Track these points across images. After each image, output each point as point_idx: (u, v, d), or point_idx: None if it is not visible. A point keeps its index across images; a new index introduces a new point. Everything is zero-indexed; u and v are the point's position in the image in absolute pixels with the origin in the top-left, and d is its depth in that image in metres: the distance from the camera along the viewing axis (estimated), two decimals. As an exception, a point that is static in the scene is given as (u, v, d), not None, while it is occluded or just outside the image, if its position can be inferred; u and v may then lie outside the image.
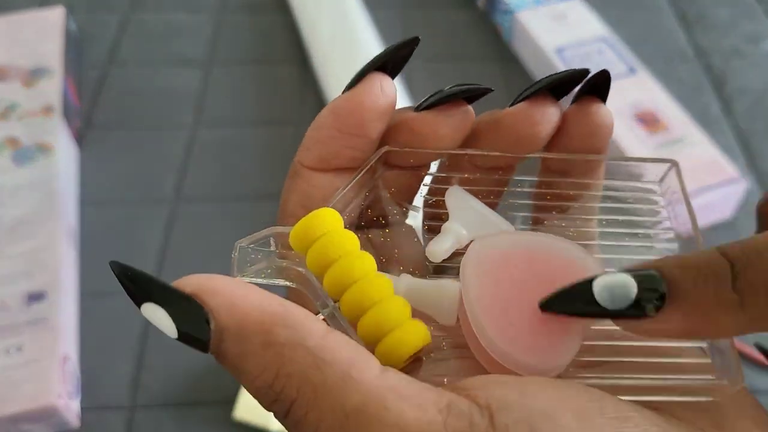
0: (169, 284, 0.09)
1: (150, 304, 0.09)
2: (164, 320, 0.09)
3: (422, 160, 0.13)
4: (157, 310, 0.09)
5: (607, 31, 0.44)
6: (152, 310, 0.09)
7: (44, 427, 0.28)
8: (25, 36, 0.42)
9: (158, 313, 0.09)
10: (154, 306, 0.09)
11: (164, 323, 0.09)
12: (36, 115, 0.37)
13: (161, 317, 0.09)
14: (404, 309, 0.11)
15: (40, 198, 0.33)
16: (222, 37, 0.47)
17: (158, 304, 0.09)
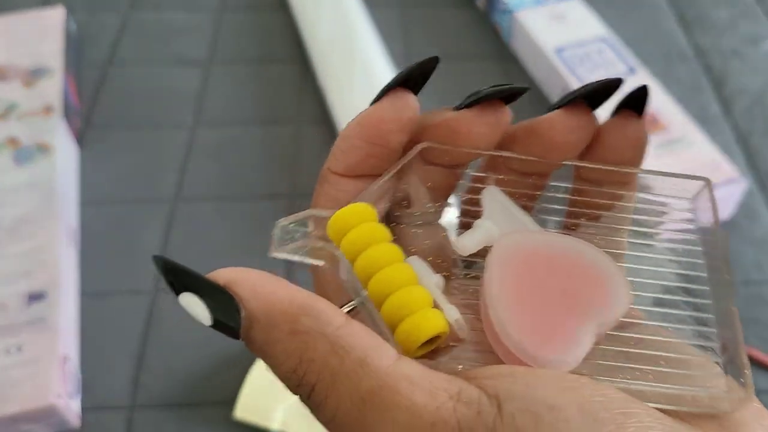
0: (204, 276, 0.10)
1: (187, 294, 0.09)
2: (200, 309, 0.09)
3: (458, 159, 0.13)
4: (193, 300, 0.09)
5: (607, 31, 0.44)
6: (189, 300, 0.09)
7: (44, 427, 0.28)
8: (25, 36, 0.42)
9: (194, 303, 0.09)
10: (191, 295, 0.09)
11: (199, 312, 0.09)
12: (36, 115, 0.37)
13: (197, 306, 0.09)
14: (425, 297, 0.11)
15: (40, 198, 0.33)
16: (222, 36, 0.47)
17: (195, 294, 0.09)
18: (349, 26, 0.43)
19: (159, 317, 0.32)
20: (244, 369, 0.30)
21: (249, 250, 0.35)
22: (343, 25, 0.43)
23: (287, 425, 0.28)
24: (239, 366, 0.30)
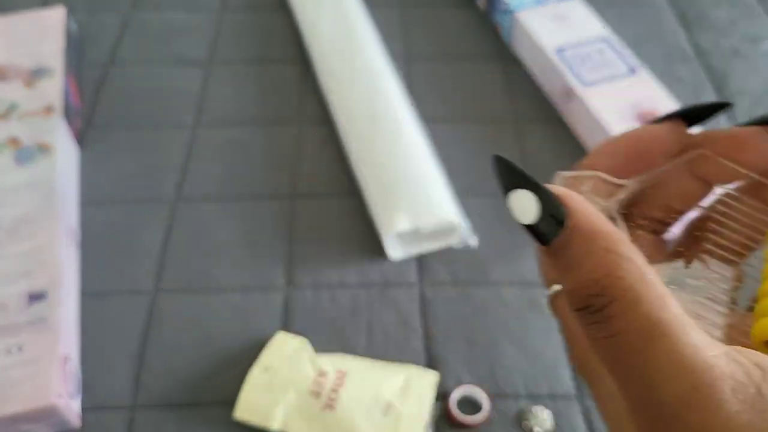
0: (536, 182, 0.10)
1: (521, 191, 0.10)
2: (529, 205, 0.10)
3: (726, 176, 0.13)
4: (526, 195, 0.10)
5: (608, 31, 0.44)
6: (521, 195, 0.10)
7: (44, 426, 0.28)
8: (25, 36, 0.42)
9: (526, 198, 0.10)
10: (525, 192, 0.10)
11: (527, 208, 0.10)
12: (36, 115, 0.37)
13: (527, 202, 0.10)
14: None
15: (40, 198, 0.33)
16: (222, 36, 0.47)
17: (532, 192, 0.10)
18: (350, 26, 0.43)
19: (159, 317, 0.32)
20: (244, 369, 0.30)
21: (250, 250, 0.35)
22: (344, 25, 0.43)
23: (287, 425, 0.28)
24: (239, 366, 0.30)
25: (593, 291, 0.09)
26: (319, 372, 0.29)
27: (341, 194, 0.38)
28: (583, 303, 0.10)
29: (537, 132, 0.41)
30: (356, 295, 0.33)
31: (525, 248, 0.35)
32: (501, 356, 0.31)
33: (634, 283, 0.09)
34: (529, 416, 0.29)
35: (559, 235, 0.10)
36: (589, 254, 0.10)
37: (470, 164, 0.39)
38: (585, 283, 0.10)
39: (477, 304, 0.33)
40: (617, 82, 0.40)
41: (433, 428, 0.29)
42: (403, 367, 0.30)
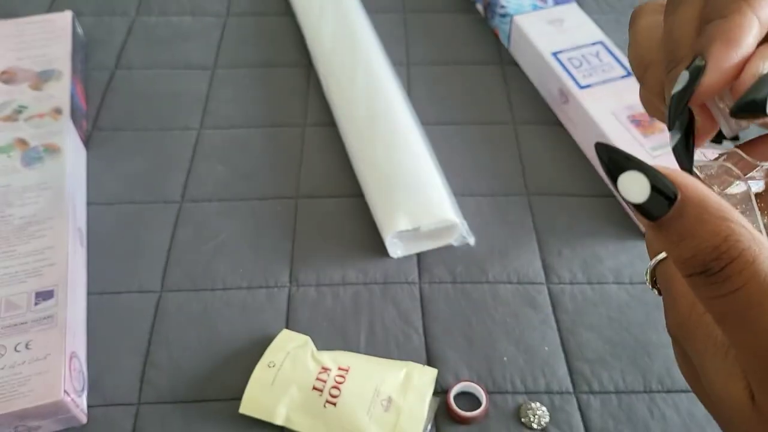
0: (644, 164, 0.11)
1: (631, 172, 0.11)
2: (640, 185, 0.11)
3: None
4: (637, 176, 0.11)
5: (604, 34, 0.44)
6: (632, 176, 0.11)
7: (52, 423, 0.28)
8: (33, 39, 0.43)
9: (637, 179, 0.11)
10: (635, 173, 0.11)
11: (638, 187, 0.11)
12: (44, 117, 0.38)
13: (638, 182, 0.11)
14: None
15: (48, 198, 0.34)
16: (227, 40, 0.48)
17: (642, 173, 0.11)
18: (352, 31, 0.44)
19: (165, 315, 0.33)
20: (248, 366, 0.30)
21: (254, 249, 0.36)
22: (346, 29, 0.44)
23: (290, 420, 0.28)
24: (244, 363, 0.31)
25: (712, 256, 0.10)
26: (321, 368, 0.29)
27: (343, 195, 0.38)
28: (701, 268, 0.10)
29: (534, 134, 0.42)
30: (358, 293, 0.34)
31: (522, 247, 0.36)
32: (499, 353, 0.31)
33: (750, 244, 0.10)
34: (527, 412, 0.29)
35: (670, 210, 0.10)
36: (703, 223, 0.10)
37: (469, 165, 0.40)
38: (703, 250, 0.10)
39: (475, 301, 0.33)
40: (613, 84, 0.40)
41: (433, 423, 0.29)
42: (403, 364, 0.30)
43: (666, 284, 0.13)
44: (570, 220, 0.37)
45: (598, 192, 0.38)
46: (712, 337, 0.12)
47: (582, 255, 0.35)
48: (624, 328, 0.32)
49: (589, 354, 0.31)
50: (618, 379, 0.30)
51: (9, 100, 0.39)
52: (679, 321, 0.13)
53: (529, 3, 0.46)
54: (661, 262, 0.13)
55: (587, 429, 0.29)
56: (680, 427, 0.29)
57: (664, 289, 0.13)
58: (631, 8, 0.51)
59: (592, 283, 0.34)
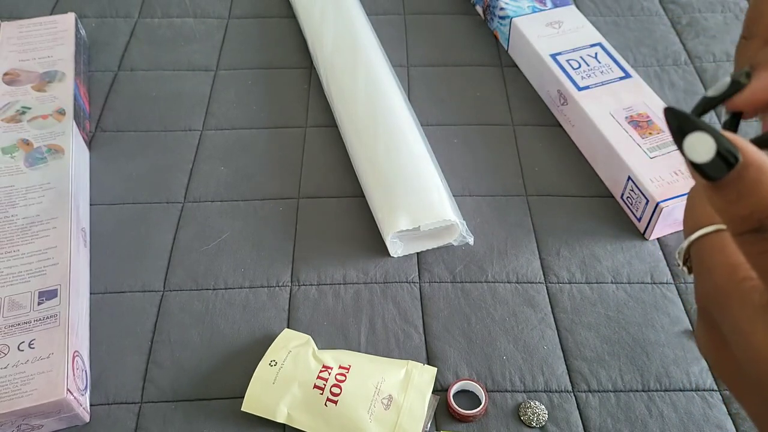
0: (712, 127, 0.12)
1: (698, 133, 0.11)
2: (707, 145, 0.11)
3: None
4: (704, 137, 0.11)
5: (602, 36, 0.45)
6: (699, 137, 0.11)
7: (55, 421, 0.28)
8: (36, 41, 0.43)
9: (704, 140, 0.11)
10: (702, 134, 0.11)
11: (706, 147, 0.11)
12: (48, 118, 0.38)
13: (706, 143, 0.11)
14: None
15: (51, 199, 0.34)
16: (229, 42, 0.49)
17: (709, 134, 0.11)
18: (353, 33, 0.44)
19: (168, 315, 0.33)
20: (250, 364, 0.30)
21: (256, 249, 0.36)
22: (347, 32, 0.45)
23: (292, 418, 0.28)
24: (246, 362, 0.31)
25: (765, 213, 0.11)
26: (322, 367, 0.29)
27: (344, 195, 0.39)
28: (757, 224, 0.11)
29: (533, 135, 0.42)
30: (358, 292, 0.34)
31: (521, 246, 0.36)
32: (498, 351, 0.32)
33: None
34: (526, 410, 0.30)
35: (732, 170, 0.11)
36: (761, 184, 0.11)
37: (469, 166, 0.40)
38: (760, 208, 0.11)
39: (475, 300, 0.34)
40: (611, 86, 0.41)
41: (433, 421, 0.29)
42: (403, 362, 0.31)
43: (703, 256, 0.14)
44: (568, 221, 0.37)
45: (597, 192, 0.39)
46: (750, 300, 0.12)
47: (580, 255, 0.36)
48: (622, 327, 0.32)
49: (588, 353, 0.32)
50: (616, 378, 0.31)
51: (12, 102, 0.39)
52: (713, 290, 0.13)
53: (528, 5, 0.46)
54: (697, 239, 0.14)
55: (586, 427, 0.29)
56: (678, 425, 0.29)
57: (700, 262, 0.14)
58: (629, 10, 0.52)
59: (590, 283, 0.34)
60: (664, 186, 0.35)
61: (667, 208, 0.34)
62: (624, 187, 0.37)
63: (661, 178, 0.35)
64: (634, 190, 0.36)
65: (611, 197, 0.39)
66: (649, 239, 0.36)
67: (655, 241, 0.36)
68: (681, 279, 0.34)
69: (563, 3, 0.47)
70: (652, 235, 0.36)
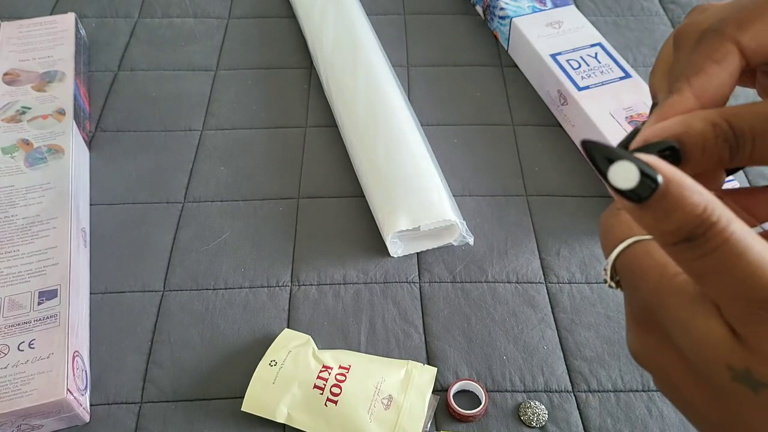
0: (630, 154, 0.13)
1: (619, 163, 0.12)
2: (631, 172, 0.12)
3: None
4: (627, 165, 0.12)
5: (602, 36, 0.45)
6: (623, 165, 0.12)
7: (55, 421, 0.29)
8: (36, 41, 0.43)
9: (627, 167, 0.12)
10: (626, 161, 0.12)
11: (629, 174, 0.12)
12: (48, 119, 0.38)
13: (629, 170, 0.12)
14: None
15: (51, 199, 0.34)
16: (230, 42, 0.49)
17: (631, 162, 0.12)
18: (353, 33, 0.44)
19: (168, 315, 0.33)
20: (250, 364, 0.30)
21: (256, 249, 0.36)
22: (347, 32, 0.45)
23: (292, 418, 0.29)
24: (246, 362, 0.31)
25: (695, 223, 0.12)
26: (322, 367, 0.30)
27: (344, 195, 0.39)
28: (686, 235, 0.12)
29: (533, 135, 0.42)
30: (358, 292, 0.34)
31: (521, 246, 0.36)
32: (498, 351, 0.32)
33: (723, 211, 0.12)
34: (526, 410, 0.30)
35: (656, 191, 0.12)
36: (685, 198, 0.12)
37: (468, 166, 0.40)
38: (688, 219, 0.12)
39: (475, 300, 0.34)
40: (612, 86, 0.41)
41: (433, 421, 0.29)
42: (403, 362, 0.31)
43: (631, 265, 0.15)
44: (568, 221, 0.37)
45: (597, 192, 0.39)
46: (686, 294, 0.14)
47: (580, 255, 0.36)
48: (622, 327, 0.32)
49: (588, 353, 0.32)
50: (616, 378, 0.31)
51: (12, 102, 0.39)
52: (649, 292, 0.14)
53: (528, 5, 0.46)
54: (621, 253, 0.15)
55: (586, 427, 0.29)
56: (678, 425, 0.29)
57: (629, 271, 0.15)
58: (629, 10, 0.52)
59: (590, 283, 0.34)
60: (664, 186, 0.35)
61: (667, 208, 0.34)
62: (624, 187, 0.37)
63: (661, 178, 0.35)
64: (634, 190, 0.36)
65: (611, 197, 0.39)
66: (649, 239, 0.36)
67: (655, 241, 0.36)
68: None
69: (563, 3, 0.47)
70: (652, 235, 0.36)
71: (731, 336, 0.13)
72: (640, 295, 0.15)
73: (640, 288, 0.14)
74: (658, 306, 0.14)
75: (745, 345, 0.13)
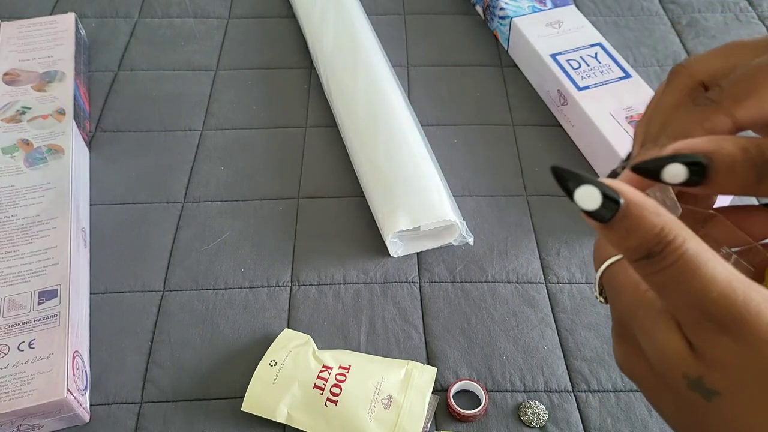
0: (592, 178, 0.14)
1: (584, 187, 0.13)
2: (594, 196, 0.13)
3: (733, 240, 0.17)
4: (590, 189, 0.13)
5: (602, 36, 0.45)
6: (587, 190, 0.13)
7: (55, 421, 0.29)
8: (36, 41, 0.43)
9: (590, 191, 0.13)
10: (588, 186, 0.13)
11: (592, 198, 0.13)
12: (48, 119, 0.39)
13: (592, 195, 0.13)
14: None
15: (51, 199, 0.34)
16: (230, 42, 0.49)
17: (594, 186, 0.13)
18: (353, 33, 0.44)
19: (168, 315, 0.33)
20: (250, 364, 0.30)
21: (256, 249, 0.36)
22: (347, 32, 0.45)
23: (292, 418, 0.29)
24: (246, 361, 0.31)
25: (653, 242, 0.13)
26: (322, 367, 0.30)
27: (344, 195, 0.39)
28: (645, 252, 0.13)
29: (533, 135, 0.42)
30: (358, 292, 0.34)
31: (521, 246, 0.36)
32: (498, 351, 0.32)
33: (680, 231, 0.13)
34: (526, 410, 0.30)
35: (618, 212, 0.13)
36: (644, 219, 0.13)
37: (469, 166, 0.40)
38: (647, 237, 0.13)
39: (475, 300, 0.34)
40: (611, 86, 0.41)
41: (433, 421, 0.29)
42: (403, 362, 0.31)
43: (611, 281, 0.16)
44: (568, 221, 0.37)
45: (597, 192, 0.39)
46: (653, 308, 0.15)
47: (580, 255, 0.36)
48: (622, 327, 0.33)
49: (588, 353, 0.32)
50: (616, 378, 0.31)
51: (12, 102, 0.39)
52: (624, 305, 0.15)
53: (528, 5, 0.46)
54: (607, 268, 0.16)
55: (586, 427, 0.29)
56: (678, 425, 0.29)
57: (610, 286, 0.16)
58: (629, 10, 0.52)
59: (590, 283, 0.34)
60: (664, 186, 0.35)
61: (667, 208, 0.34)
62: (624, 187, 0.37)
63: (661, 178, 0.35)
64: (634, 190, 0.36)
65: (611, 197, 0.39)
66: (649, 239, 0.36)
67: (655, 241, 0.36)
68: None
69: (563, 3, 0.47)
70: (652, 235, 0.36)
71: (687, 347, 0.14)
72: (618, 308, 0.16)
73: (618, 301, 0.16)
74: (631, 318, 0.15)
75: (698, 355, 0.14)
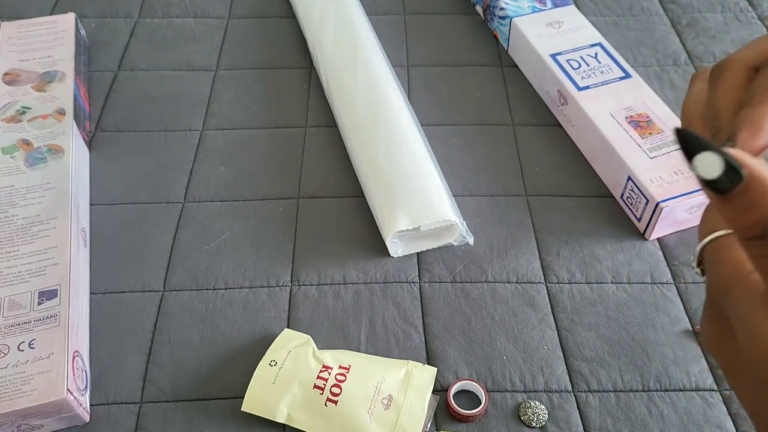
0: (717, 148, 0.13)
1: (704, 153, 0.13)
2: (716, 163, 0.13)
3: None
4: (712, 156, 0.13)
5: (602, 36, 0.45)
6: (708, 156, 0.13)
7: (55, 421, 0.29)
8: (36, 41, 0.43)
9: (712, 158, 0.13)
10: (711, 153, 0.13)
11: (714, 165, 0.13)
12: (48, 119, 0.39)
13: (715, 161, 0.13)
14: None
15: (51, 199, 0.34)
16: (229, 42, 0.49)
17: (717, 154, 0.13)
18: (353, 33, 0.44)
19: (168, 315, 0.33)
20: (250, 364, 0.30)
21: (256, 249, 0.36)
22: (347, 32, 0.45)
23: (292, 418, 0.29)
24: (246, 362, 0.31)
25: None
26: (322, 367, 0.30)
27: (344, 195, 0.39)
28: (761, 231, 0.13)
29: (533, 135, 0.42)
30: (358, 292, 0.34)
31: (521, 246, 0.36)
32: (498, 351, 0.32)
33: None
34: (526, 410, 0.30)
35: (739, 184, 0.12)
36: (765, 196, 0.12)
37: (469, 166, 0.40)
38: (765, 216, 0.12)
39: (475, 300, 0.34)
40: (611, 86, 0.41)
41: (433, 421, 0.29)
42: (403, 362, 0.31)
43: (714, 254, 0.15)
44: (568, 221, 0.37)
45: (596, 192, 0.39)
46: (753, 290, 0.14)
47: (580, 255, 0.36)
48: (622, 327, 0.33)
49: (588, 353, 0.32)
50: (616, 378, 0.31)
51: (12, 102, 0.40)
52: (722, 280, 0.15)
53: (528, 5, 0.46)
54: (710, 242, 0.15)
55: (586, 427, 0.29)
56: (678, 425, 0.29)
57: (711, 259, 0.15)
58: (629, 10, 0.52)
59: (590, 283, 0.34)
60: (664, 186, 0.35)
61: (667, 208, 0.34)
62: (624, 187, 0.37)
63: (661, 179, 0.35)
64: (634, 190, 0.36)
65: (611, 197, 0.39)
66: (649, 239, 0.36)
67: (655, 241, 0.36)
68: (681, 279, 0.34)
69: (563, 3, 0.47)
70: (652, 235, 0.36)
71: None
72: (714, 283, 0.15)
73: (715, 276, 0.15)
74: (727, 296, 0.15)
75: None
